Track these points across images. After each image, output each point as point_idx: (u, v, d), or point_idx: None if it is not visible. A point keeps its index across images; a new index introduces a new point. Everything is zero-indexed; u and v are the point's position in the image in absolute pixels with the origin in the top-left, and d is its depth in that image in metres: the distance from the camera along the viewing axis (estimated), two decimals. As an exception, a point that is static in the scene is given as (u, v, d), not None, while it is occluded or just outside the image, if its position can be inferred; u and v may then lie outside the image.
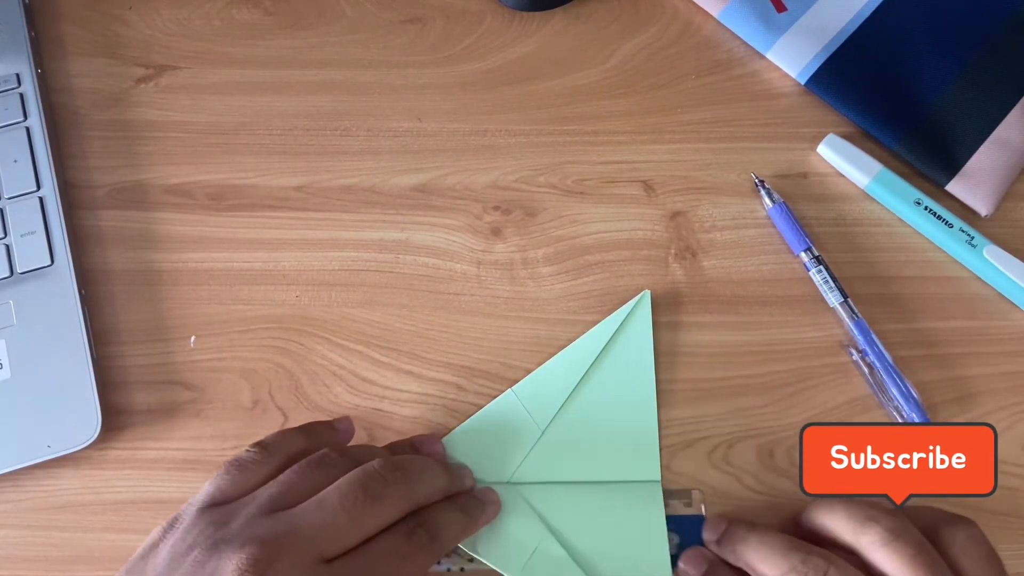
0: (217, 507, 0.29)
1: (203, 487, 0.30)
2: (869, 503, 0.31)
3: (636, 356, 0.37)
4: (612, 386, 0.37)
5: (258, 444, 0.32)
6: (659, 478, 0.36)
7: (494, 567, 0.34)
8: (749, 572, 0.32)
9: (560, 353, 0.37)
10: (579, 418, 0.36)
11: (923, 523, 0.31)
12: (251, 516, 0.28)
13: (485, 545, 0.34)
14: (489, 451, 0.36)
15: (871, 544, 0.29)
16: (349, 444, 0.35)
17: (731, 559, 0.33)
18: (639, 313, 0.38)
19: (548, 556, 0.34)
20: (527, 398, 0.37)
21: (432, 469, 0.32)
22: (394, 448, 0.35)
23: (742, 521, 0.33)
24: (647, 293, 0.38)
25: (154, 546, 0.29)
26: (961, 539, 0.30)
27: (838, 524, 0.31)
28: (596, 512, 0.35)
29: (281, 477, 0.30)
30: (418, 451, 0.35)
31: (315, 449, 0.32)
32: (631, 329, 0.38)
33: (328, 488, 0.29)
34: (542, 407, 0.36)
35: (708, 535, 0.34)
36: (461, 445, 0.36)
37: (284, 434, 0.33)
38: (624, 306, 0.38)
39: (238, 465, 0.30)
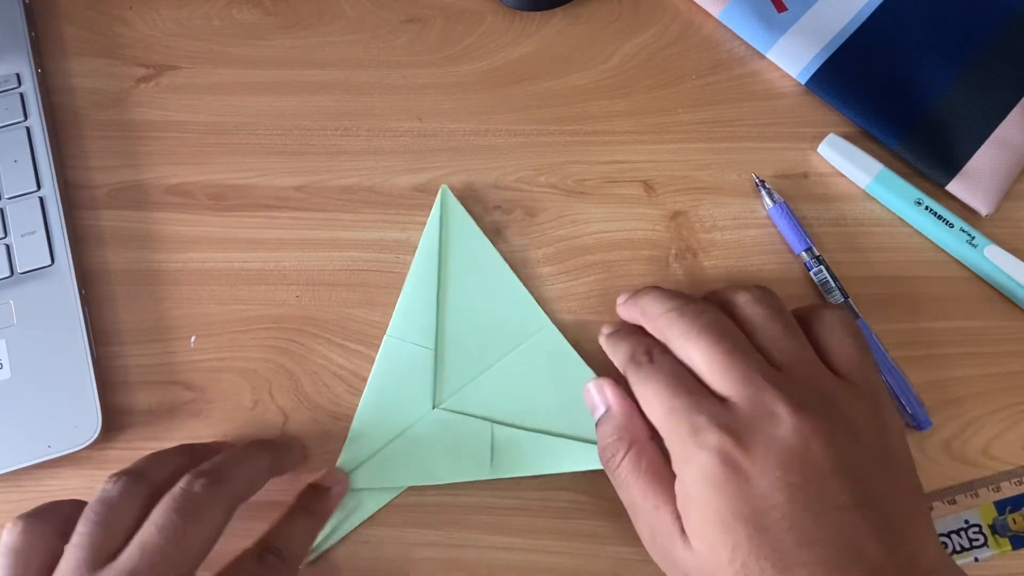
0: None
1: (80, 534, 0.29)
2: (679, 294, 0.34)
3: (468, 240, 0.39)
4: (467, 277, 0.38)
5: (120, 473, 0.30)
6: (549, 322, 0.38)
7: (464, 480, 0.35)
8: (642, 321, 0.34)
9: (407, 280, 0.38)
10: (459, 321, 0.38)
11: (800, 313, 0.34)
12: None
13: (444, 470, 0.36)
14: (400, 397, 0.37)
15: (741, 302, 0.33)
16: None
17: (631, 314, 0.35)
18: (449, 207, 0.39)
19: (506, 442, 0.36)
20: (405, 334, 0.38)
21: (245, 457, 0.32)
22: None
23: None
24: (444, 188, 0.40)
25: None
26: (827, 318, 0.33)
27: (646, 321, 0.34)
28: (518, 382, 0.37)
29: (73, 538, 0.29)
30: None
31: (187, 469, 0.31)
32: (451, 223, 0.39)
33: (144, 526, 0.29)
34: (422, 331, 0.38)
35: (620, 299, 0.36)
36: (373, 409, 0.37)
37: (155, 457, 0.32)
38: (433, 210, 0.39)
39: (107, 506, 0.29)
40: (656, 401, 0.30)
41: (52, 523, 0.30)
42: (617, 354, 0.34)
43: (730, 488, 0.27)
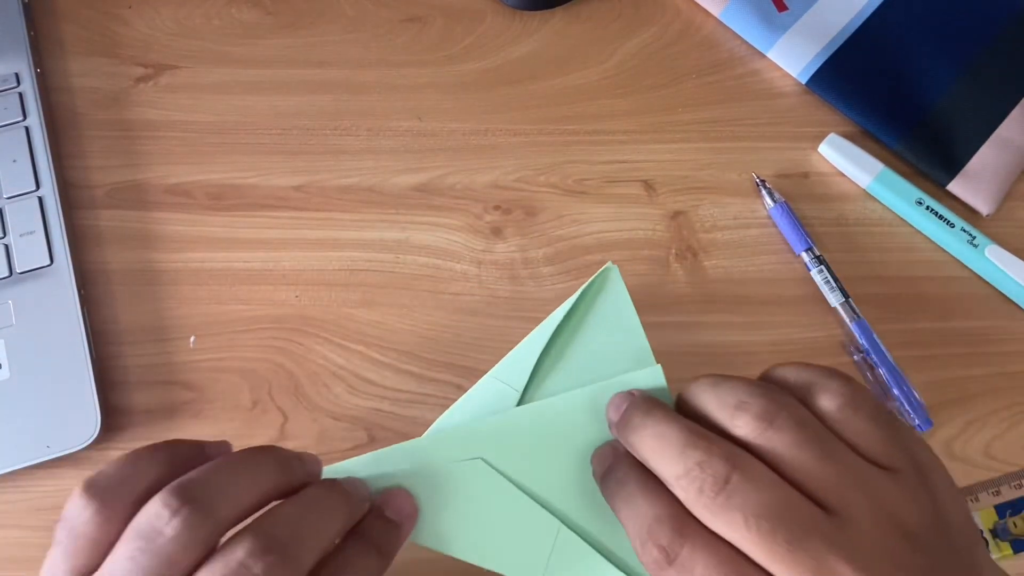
0: None
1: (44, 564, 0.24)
2: (738, 379, 0.26)
3: (623, 341, 0.31)
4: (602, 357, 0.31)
5: (90, 489, 0.23)
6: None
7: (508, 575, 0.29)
8: (646, 465, 0.26)
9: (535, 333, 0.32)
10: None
11: (796, 387, 0.26)
12: None
13: (493, 554, 0.29)
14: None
15: (748, 436, 0.24)
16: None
17: (629, 448, 0.27)
18: (609, 291, 0.32)
19: (567, 554, 0.29)
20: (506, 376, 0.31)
21: (322, 520, 0.25)
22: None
23: (644, 401, 0.27)
24: (612, 268, 0.32)
25: None
26: (837, 406, 0.25)
27: (711, 410, 0.26)
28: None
29: (53, 548, 0.23)
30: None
31: (172, 478, 0.24)
32: (604, 302, 0.32)
33: None
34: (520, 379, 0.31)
35: (611, 414, 0.28)
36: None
37: (126, 466, 0.24)
38: (585, 284, 0.31)
39: (71, 535, 0.23)
40: None
41: (123, 508, 0.24)
42: (627, 531, 0.26)
43: None
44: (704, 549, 0.23)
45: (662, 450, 0.25)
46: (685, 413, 0.27)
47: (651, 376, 0.30)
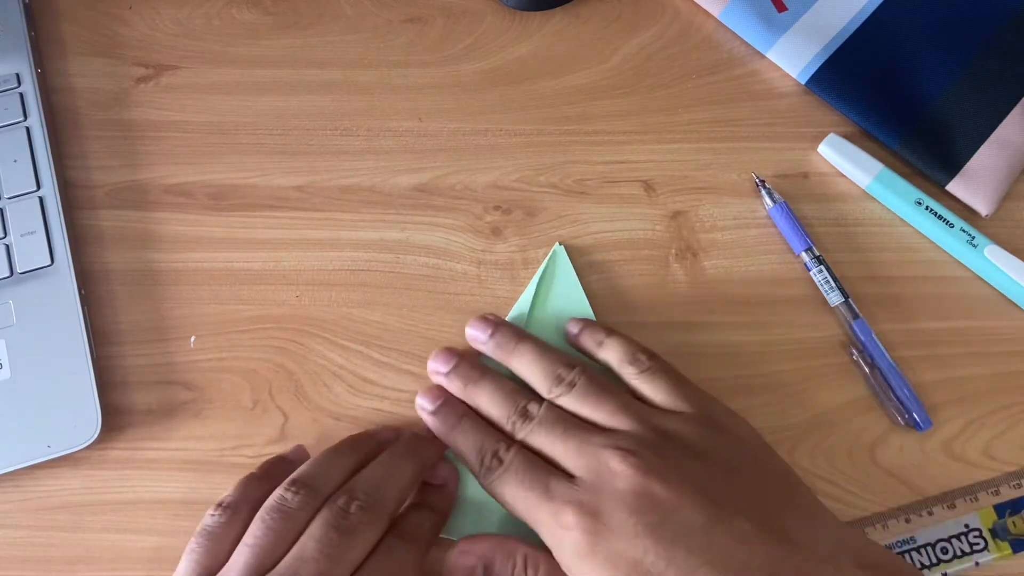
0: None
1: (178, 568, 0.30)
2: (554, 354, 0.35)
3: (570, 301, 0.38)
4: (556, 331, 0.38)
5: (219, 505, 0.32)
6: None
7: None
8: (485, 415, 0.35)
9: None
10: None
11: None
12: None
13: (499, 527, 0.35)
14: None
15: (557, 396, 0.34)
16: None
17: (457, 392, 0.36)
18: (558, 266, 0.39)
19: None
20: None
21: (395, 475, 0.33)
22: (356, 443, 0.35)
23: (513, 329, 0.36)
24: (559, 247, 0.39)
25: None
26: (635, 371, 0.34)
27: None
28: None
29: (248, 538, 0.30)
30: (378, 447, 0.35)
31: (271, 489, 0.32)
32: (556, 282, 0.38)
33: (302, 539, 0.29)
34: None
35: (438, 367, 0.36)
36: None
37: (243, 485, 0.33)
38: (541, 266, 0.39)
39: (207, 534, 0.31)
40: (515, 503, 0.31)
41: (246, 512, 0.31)
42: (463, 454, 0.34)
43: (599, 553, 0.29)
44: (520, 452, 0.32)
45: (493, 399, 0.34)
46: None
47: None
